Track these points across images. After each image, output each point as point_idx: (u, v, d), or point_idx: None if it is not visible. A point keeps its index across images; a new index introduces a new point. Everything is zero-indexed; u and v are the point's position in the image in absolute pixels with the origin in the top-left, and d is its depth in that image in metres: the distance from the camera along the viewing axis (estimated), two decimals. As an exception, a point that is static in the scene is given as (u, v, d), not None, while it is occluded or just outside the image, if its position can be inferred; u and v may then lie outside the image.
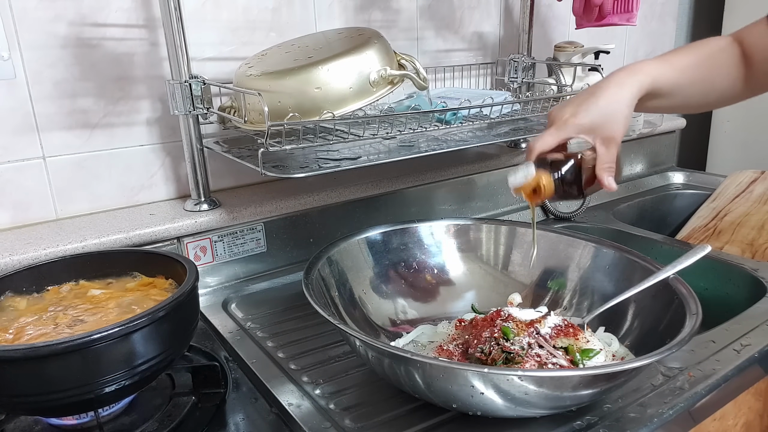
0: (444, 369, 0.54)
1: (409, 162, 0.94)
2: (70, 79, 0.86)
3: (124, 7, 0.87)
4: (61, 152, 0.88)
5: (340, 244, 0.81)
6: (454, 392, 0.55)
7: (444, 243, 0.88)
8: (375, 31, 0.85)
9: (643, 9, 1.30)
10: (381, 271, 0.84)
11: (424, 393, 0.58)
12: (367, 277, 0.83)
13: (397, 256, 0.86)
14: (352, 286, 0.80)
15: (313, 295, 0.66)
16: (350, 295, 0.79)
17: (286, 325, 0.84)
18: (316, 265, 0.75)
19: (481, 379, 0.52)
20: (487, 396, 0.53)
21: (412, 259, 0.87)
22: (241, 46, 0.98)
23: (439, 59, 1.22)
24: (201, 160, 0.90)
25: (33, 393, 0.55)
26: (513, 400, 0.53)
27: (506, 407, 0.55)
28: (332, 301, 0.74)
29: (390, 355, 0.58)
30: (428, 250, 0.88)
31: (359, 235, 0.84)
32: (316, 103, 0.76)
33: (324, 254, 0.78)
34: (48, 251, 0.79)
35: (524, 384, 0.52)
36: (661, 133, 1.53)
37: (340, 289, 0.77)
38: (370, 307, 0.80)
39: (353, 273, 0.81)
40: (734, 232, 1.17)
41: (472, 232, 0.89)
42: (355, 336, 0.59)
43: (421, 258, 0.87)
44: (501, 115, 0.96)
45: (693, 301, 0.63)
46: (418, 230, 0.88)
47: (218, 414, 0.66)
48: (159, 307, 0.59)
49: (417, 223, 0.88)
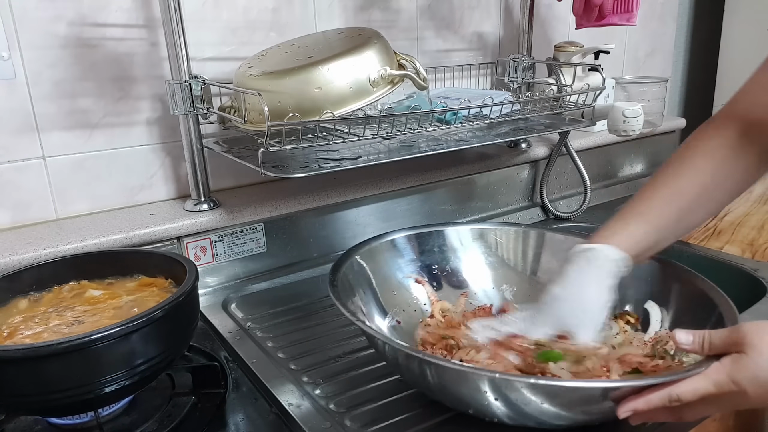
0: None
1: (409, 162, 0.94)
2: (70, 79, 0.86)
3: (124, 7, 0.87)
4: (61, 152, 0.88)
5: (367, 245, 0.80)
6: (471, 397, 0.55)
7: (469, 247, 0.87)
8: (375, 31, 0.85)
9: (643, 9, 1.29)
10: (407, 273, 0.83)
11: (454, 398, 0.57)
12: (393, 278, 0.81)
13: (429, 259, 0.85)
14: (377, 289, 0.79)
15: (339, 296, 0.65)
16: (374, 296, 0.78)
17: (286, 325, 0.84)
18: (342, 266, 0.73)
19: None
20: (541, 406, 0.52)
21: (443, 263, 0.85)
22: (241, 46, 0.98)
23: (439, 59, 1.22)
24: (201, 160, 0.90)
25: (33, 393, 0.55)
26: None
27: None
28: (356, 302, 0.73)
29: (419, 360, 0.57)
30: (456, 254, 0.86)
31: (385, 237, 0.83)
32: (316, 103, 0.76)
33: (351, 254, 0.77)
34: (48, 251, 0.79)
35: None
36: (661, 133, 1.53)
37: (365, 290, 0.76)
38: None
39: (378, 275, 0.80)
40: (734, 232, 1.17)
41: (494, 235, 0.87)
42: (379, 338, 0.59)
43: (450, 261, 0.86)
44: (501, 115, 0.95)
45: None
46: (446, 233, 0.87)
47: (218, 414, 0.66)
48: (159, 307, 0.59)
49: (445, 226, 0.87)
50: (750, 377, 0.49)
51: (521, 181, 1.28)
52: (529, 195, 1.30)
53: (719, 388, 0.50)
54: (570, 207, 1.30)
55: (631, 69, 1.63)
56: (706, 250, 1.06)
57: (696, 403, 0.51)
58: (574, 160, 1.23)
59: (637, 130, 1.23)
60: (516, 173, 1.26)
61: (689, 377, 0.51)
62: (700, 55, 1.90)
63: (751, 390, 0.49)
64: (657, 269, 0.74)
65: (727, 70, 1.74)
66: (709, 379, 0.51)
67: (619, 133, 1.25)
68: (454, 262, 0.86)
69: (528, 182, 1.29)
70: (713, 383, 0.50)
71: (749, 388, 0.49)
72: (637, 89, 1.38)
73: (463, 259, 0.86)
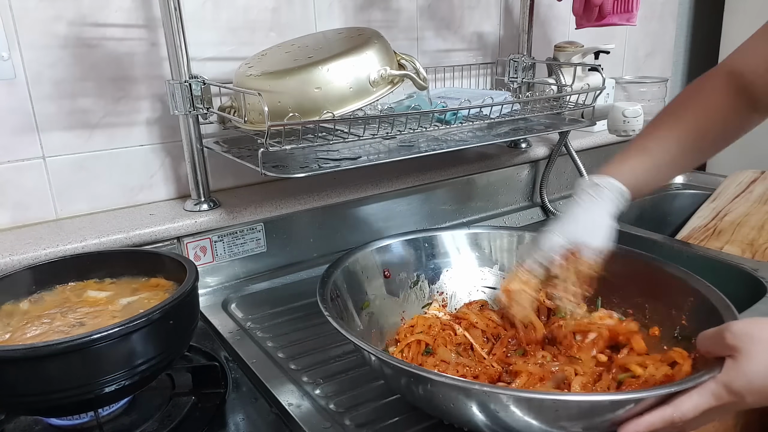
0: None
1: (409, 162, 0.94)
2: (70, 79, 0.86)
3: (124, 7, 0.87)
4: (61, 152, 0.88)
5: (355, 253, 0.79)
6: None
7: (462, 251, 0.86)
8: (375, 31, 0.85)
9: (643, 9, 1.29)
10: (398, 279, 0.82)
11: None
12: (382, 286, 0.80)
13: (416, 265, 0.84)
14: (368, 296, 0.78)
15: (329, 307, 0.64)
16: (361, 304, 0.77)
17: (286, 325, 0.84)
18: (331, 277, 0.72)
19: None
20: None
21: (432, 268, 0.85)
22: (241, 46, 0.98)
23: (439, 59, 1.22)
24: (201, 160, 0.90)
25: (33, 393, 0.55)
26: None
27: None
28: (346, 310, 0.73)
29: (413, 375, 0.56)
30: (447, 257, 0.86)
31: (374, 245, 0.82)
32: (316, 103, 0.76)
33: (339, 264, 0.76)
34: (48, 251, 0.79)
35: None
36: (661, 133, 1.53)
37: (354, 299, 0.75)
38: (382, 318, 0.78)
39: (368, 282, 0.79)
40: (734, 232, 1.17)
41: (488, 240, 0.87)
42: (366, 349, 0.58)
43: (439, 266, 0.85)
44: (501, 115, 0.95)
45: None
46: (440, 238, 0.86)
47: (218, 414, 0.66)
48: (158, 307, 0.59)
49: (436, 232, 0.86)
50: (745, 384, 0.50)
51: (521, 181, 1.28)
52: (529, 195, 1.30)
53: (719, 399, 0.51)
54: (570, 207, 1.30)
55: (631, 69, 1.63)
56: (706, 250, 1.06)
57: (698, 417, 0.51)
58: (574, 160, 1.23)
59: (637, 130, 1.23)
60: (516, 173, 1.26)
61: (687, 393, 0.51)
62: (700, 55, 1.90)
63: (749, 396, 0.50)
64: (650, 270, 0.76)
65: (727, 70, 1.74)
66: (708, 392, 0.51)
67: (619, 133, 1.25)
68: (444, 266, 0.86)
69: (528, 182, 1.29)
70: (713, 396, 0.51)
71: (746, 395, 0.50)
72: (637, 89, 1.38)
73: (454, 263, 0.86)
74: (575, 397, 0.54)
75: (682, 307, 0.69)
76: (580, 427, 0.52)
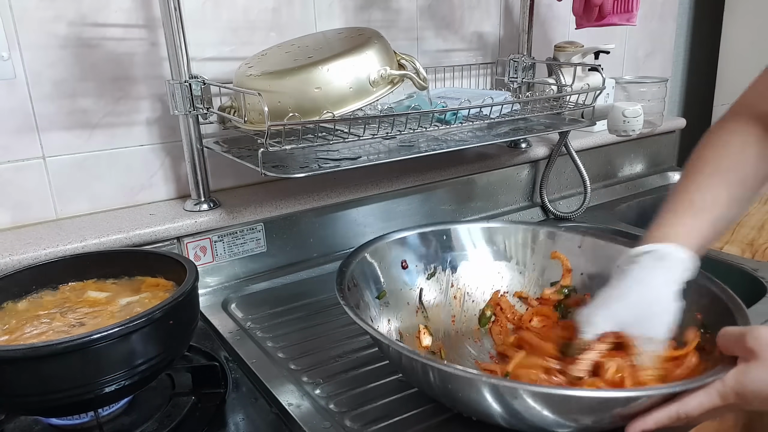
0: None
1: (409, 162, 0.94)
2: (70, 79, 0.86)
3: (124, 7, 0.87)
4: (61, 152, 0.88)
5: (374, 243, 0.79)
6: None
7: (478, 245, 0.86)
8: (375, 31, 0.85)
9: (643, 9, 1.29)
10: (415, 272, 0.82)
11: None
12: (399, 280, 0.80)
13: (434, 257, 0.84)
14: (386, 289, 0.78)
15: (347, 299, 0.64)
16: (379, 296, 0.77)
17: (286, 325, 0.84)
18: (348, 268, 0.73)
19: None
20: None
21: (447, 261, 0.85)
22: (241, 46, 0.98)
23: (439, 59, 1.22)
24: (201, 160, 0.90)
25: (33, 393, 0.55)
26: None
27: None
28: (365, 302, 0.73)
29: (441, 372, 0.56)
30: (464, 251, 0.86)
31: (391, 236, 0.82)
32: (316, 103, 0.76)
33: (357, 255, 0.76)
34: (48, 251, 0.79)
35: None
36: (661, 133, 1.53)
37: (371, 289, 0.76)
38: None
39: (385, 272, 0.79)
40: (734, 232, 1.17)
41: (503, 235, 0.86)
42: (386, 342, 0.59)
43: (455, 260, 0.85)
44: (501, 115, 0.95)
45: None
46: (456, 232, 0.86)
47: (218, 414, 0.66)
48: (158, 307, 0.59)
49: (453, 225, 0.86)
50: (754, 390, 0.51)
51: (521, 181, 1.28)
52: (529, 195, 1.30)
53: (725, 400, 0.51)
54: (570, 207, 1.30)
55: (631, 69, 1.63)
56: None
57: (702, 414, 0.52)
58: (574, 160, 1.23)
59: (637, 130, 1.23)
60: (516, 173, 1.26)
61: (696, 392, 0.52)
62: (700, 55, 1.90)
63: (755, 401, 0.51)
64: None
65: (727, 70, 1.74)
66: (715, 392, 0.51)
67: (619, 133, 1.25)
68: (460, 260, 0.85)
69: (528, 182, 1.29)
70: (719, 396, 0.51)
71: (753, 400, 0.51)
72: (637, 89, 1.38)
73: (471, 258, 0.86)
74: (590, 393, 0.54)
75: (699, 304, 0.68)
76: (590, 420, 0.53)
